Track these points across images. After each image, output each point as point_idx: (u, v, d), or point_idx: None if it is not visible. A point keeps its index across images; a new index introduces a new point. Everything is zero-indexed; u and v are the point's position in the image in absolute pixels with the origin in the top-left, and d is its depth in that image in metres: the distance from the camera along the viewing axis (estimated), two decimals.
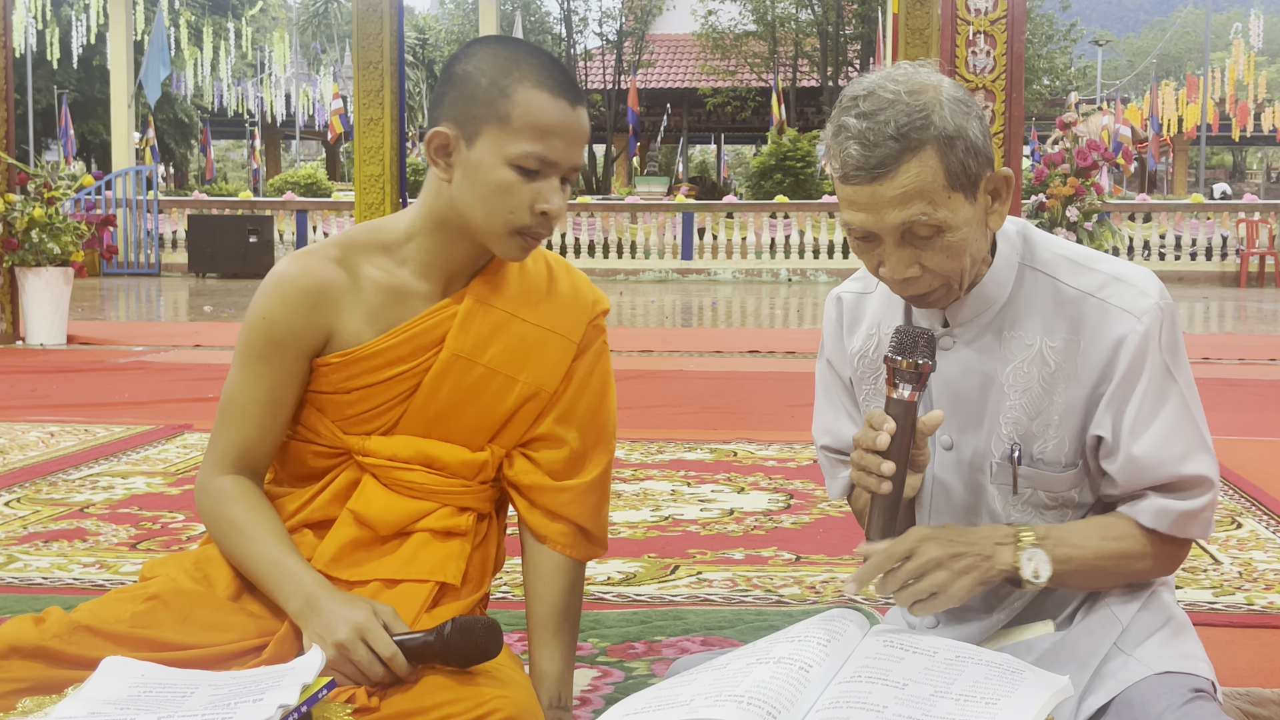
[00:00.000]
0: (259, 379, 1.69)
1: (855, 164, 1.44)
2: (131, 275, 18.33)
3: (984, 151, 1.47)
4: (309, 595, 1.57)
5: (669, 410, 5.75)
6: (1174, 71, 42.76)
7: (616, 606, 2.66)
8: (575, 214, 19.26)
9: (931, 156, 1.43)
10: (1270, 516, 3.48)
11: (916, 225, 1.45)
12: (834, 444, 1.77)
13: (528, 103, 1.59)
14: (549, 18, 35.28)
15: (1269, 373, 7.35)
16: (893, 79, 1.46)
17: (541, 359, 1.76)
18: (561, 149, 1.61)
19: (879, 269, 1.52)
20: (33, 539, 3.23)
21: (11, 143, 8.69)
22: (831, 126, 1.48)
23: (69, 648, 1.52)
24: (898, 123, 1.42)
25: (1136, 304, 1.52)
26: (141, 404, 5.81)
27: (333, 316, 1.69)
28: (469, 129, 1.61)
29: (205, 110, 33.85)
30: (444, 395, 1.72)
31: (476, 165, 1.61)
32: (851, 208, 1.48)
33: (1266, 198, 28.13)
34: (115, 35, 19.23)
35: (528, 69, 1.60)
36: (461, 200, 1.64)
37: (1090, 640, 1.56)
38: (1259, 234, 17.84)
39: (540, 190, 1.61)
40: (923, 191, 1.43)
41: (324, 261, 1.70)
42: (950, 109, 1.45)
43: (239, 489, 1.70)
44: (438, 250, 1.70)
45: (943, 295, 1.53)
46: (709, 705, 1.30)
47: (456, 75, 1.63)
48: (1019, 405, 1.57)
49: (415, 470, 1.73)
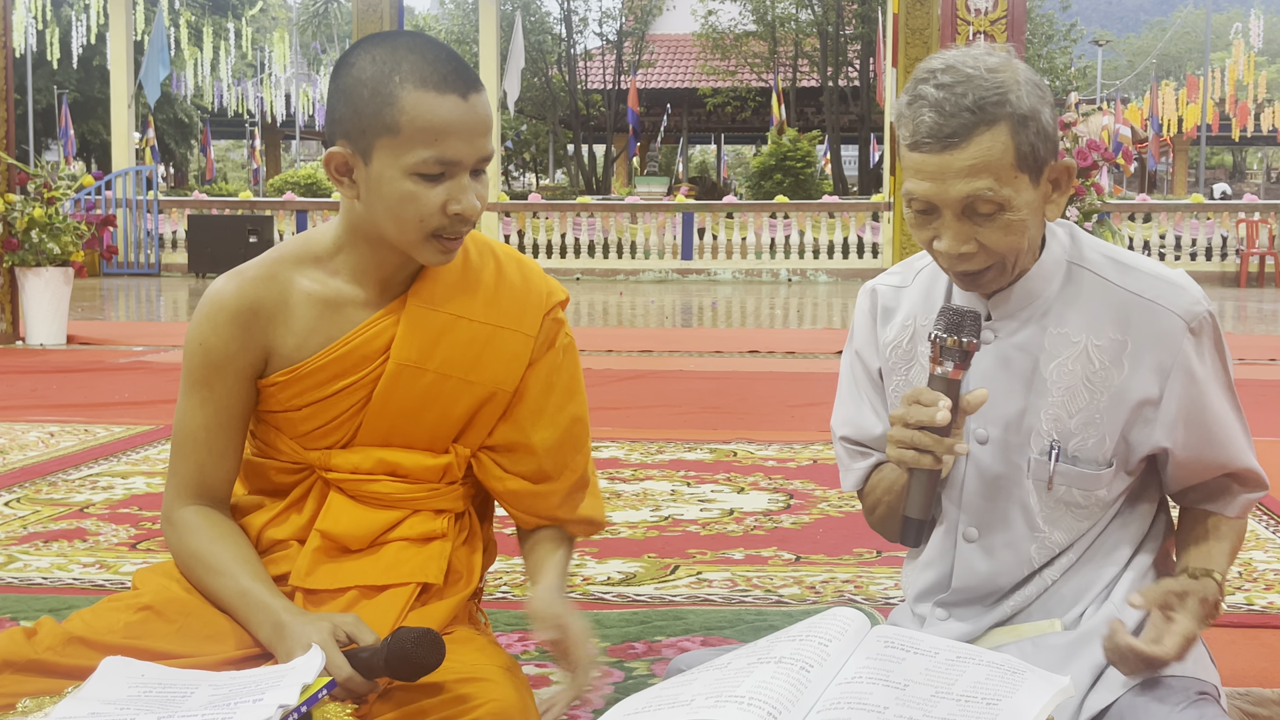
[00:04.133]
0: (203, 405, 1.67)
1: (928, 131, 1.46)
2: (131, 275, 18.33)
3: (1053, 138, 1.50)
4: (275, 622, 1.55)
5: (669, 410, 5.75)
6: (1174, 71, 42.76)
7: (616, 606, 2.65)
8: (575, 214, 19.26)
9: (1004, 133, 1.46)
10: (1270, 516, 3.48)
11: (979, 200, 1.46)
12: (855, 435, 1.75)
13: (414, 107, 1.51)
14: (549, 18, 35.27)
15: (1269, 373, 7.35)
16: (972, 55, 1.49)
17: (495, 358, 1.72)
18: (460, 147, 1.53)
19: (934, 243, 1.52)
20: (33, 539, 3.23)
21: (11, 143, 8.69)
22: (907, 96, 1.50)
23: (63, 659, 1.50)
24: (975, 95, 1.45)
25: (1190, 310, 1.55)
26: (141, 404, 5.81)
27: (268, 335, 1.66)
28: (361, 145, 1.55)
29: (205, 110, 33.86)
30: (396, 404, 1.68)
31: (377, 180, 1.55)
32: (917, 176, 1.49)
33: (1266, 198, 28.13)
34: (115, 35, 19.22)
35: (408, 69, 1.53)
36: (372, 214, 1.59)
37: (1097, 641, 1.56)
38: (1259, 234, 17.84)
39: (449, 191, 1.55)
40: (990, 166, 1.45)
41: (253, 281, 1.66)
42: (1027, 90, 1.48)
43: (201, 520, 1.67)
44: (367, 259, 1.66)
45: (994, 277, 1.54)
46: (709, 705, 1.30)
47: (340, 89, 1.56)
48: (1060, 403, 1.58)
49: (380, 480, 1.70)
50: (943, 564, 1.67)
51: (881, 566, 2.97)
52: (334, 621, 1.53)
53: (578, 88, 33.15)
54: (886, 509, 1.71)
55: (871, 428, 1.73)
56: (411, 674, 1.48)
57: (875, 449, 1.73)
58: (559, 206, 19.64)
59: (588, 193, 28.87)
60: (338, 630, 1.51)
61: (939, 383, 1.50)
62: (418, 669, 1.47)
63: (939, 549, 1.67)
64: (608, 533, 3.31)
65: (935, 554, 1.68)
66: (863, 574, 2.92)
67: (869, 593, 2.77)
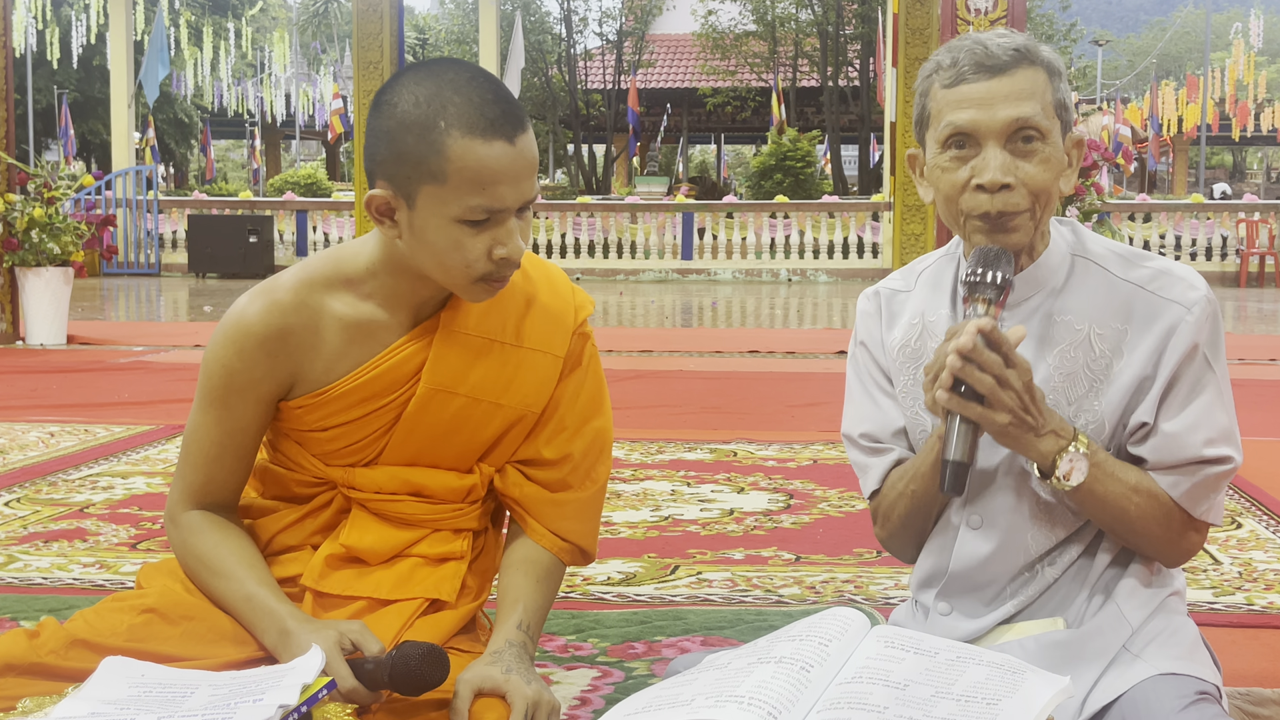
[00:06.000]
0: (218, 423, 1.65)
1: (976, 63, 1.53)
2: (131, 275, 18.33)
3: (1071, 109, 1.57)
4: (281, 628, 1.54)
5: (669, 410, 5.75)
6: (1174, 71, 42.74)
7: (616, 606, 2.65)
8: (575, 214, 19.26)
9: (1043, 75, 1.54)
10: (1270, 516, 3.48)
11: (1026, 126, 1.52)
12: (873, 430, 1.73)
13: (462, 156, 1.47)
14: (549, 18, 35.26)
15: (1269, 373, 7.35)
16: (999, 32, 1.58)
17: (526, 381, 1.69)
18: (508, 194, 1.50)
19: (971, 183, 1.53)
20: (33, 539, 3.23)
21: (11, 143, 8.69)
22: (944, 54, 1.57)
23: (66, 662, 1.50)
24: (1016, 42, 1.54)
25: (1186, 296, 1.57)
26: (141, 404, 5.81)
27: (296, 361, 1.64)
28: (405, 190, 1.51)
29: (205, 110, 33.85)
30: (425, 427, 1.66)
31: (422, 227, 1.52)
32: (960, 106, 1.53)
33: (1266, 198, 28.13)
34: (115, 35, 19.22)
35: (454, 113, 1.47)
36: (415, 256, 1.56)
37: (1100, 640, 1.57)
38: (1259, 234, 17.84)
39: (496, 236, 1.52)
40: (1036, 94, 1.53)
41: (283, 308, 1.62)
42: (1051, 57, 1.57)
43: (206, 522, 1.66)
44: (403, 287, 1.63)
45: (1024, 223, 1.55)
46: (709, 705, 1.30)
47: (383, 131, 1.51)
48: (1060, 388, 1.59)
49: (404, 500, 1.69)
50: (942, 551, 1.67)
51: (881, 566, 2.97)
52: (340, 629, 1.52)
53: (578, 88, 33.14)
54: (910, 501, 1.67)
55: (890, 421, 1.72)
56: (415, 690, 1.48)
57: (894, 445, 1.72)
58: (559, 206, 19.64)
59: (588, 193, 28.86)
60: (343, 638, 1.50)
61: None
62: (421, 685, 1.47)
63: (938, 536, 1.68)
64: (608, 533, 3.31)
65: (936, 543, 1.69)
66: (863, 574, 2.92)
67: (869, 593, 2.77)
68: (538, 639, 1.68)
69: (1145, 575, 1.63)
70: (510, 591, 1.69)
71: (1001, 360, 1.47)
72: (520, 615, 1.65)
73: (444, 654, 1.47)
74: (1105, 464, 1.56)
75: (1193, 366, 1.56)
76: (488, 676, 1.52)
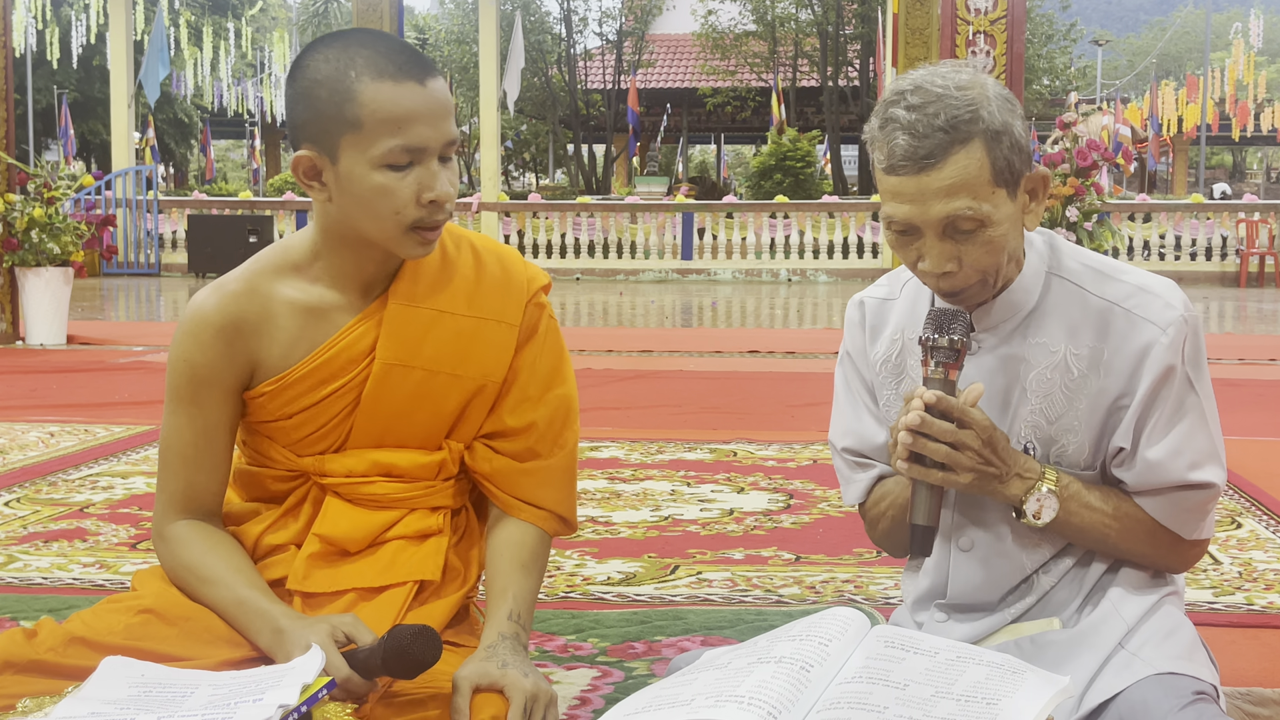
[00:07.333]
0: (191, 421, 1.67)
1: (903, 154, 1.45)
2: (131, 275, 18.33)
3: (1026, 150, 1.49)
4: (274, 628, 1.55)
5: (669, 410, 5.75)
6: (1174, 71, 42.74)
7: (616, 606, 2.65)
8: (575, 214, 19.26)
9: (978, 150, 1.46)
10: (1270, 516, 3.48)
11: (960, 219, 1.46)
12: (856, 445, 1.75)
13: (375, 98, 1.51)
14: (549, 18, 35.26)
15: (1269, 373, 7.35)
16: (939, 74, 1.49)
17: (482, 350, 1.71)
18: (425, 132, 1.53)
19: (917, 264, 1.52)
20: (33, 539, 3.23)
21: (11, 143, 8.69)
22: (877, 119, 1.50)
23: (64, 660, 1.50)
24: (947, 115, 1.44)
25: (1162, 315, 1.54)
26: (141, 404, 5.80)
27: (252, 348, 1.66)
28: (326, 145, 1.55)
29: (205, 110, 33.85)
30: (386, 404, 1.68)
31: (347, 178, 1.55)
32: (896, 199, 1.49)
33: (1266, 198, 28.12)
34: (115, 35, 19.21)
35: (362, 62, 1.52)
36: (347, 214, 1.58)
37: (1096, 638, 1.58)
38: (1259, 234, 17.84)
39: (420, 179, 1.54)
40: (968, 184, 1.45)
41: (234, 295, 1.66)
42: (997, 105, 1.48)
43: (193, 533, 1.68)
44: (347, 262, 1.66)
45: (978, 291, 1.54)
46: (709, 705, 1.30)
47: (298, 93, 1.56)
48: (1039, 409, 1.59)
49: (375, 482, 1.70)
50: (938, 573, 1.68)
51: (881, 566, 2.97)
52: (332, 623, 1.53)
53: (578, 87, 33.14)
54: (890, 522, 1.71)
55: (873, 436, 1.73)
56: (409, 671, 1.48)
57: (877, 460, 1.73)
58: (559, 206, 19.64)
59: (588, 193, 28.87)
60: (336, 631, 1.52)
61: (934, 384, 1.50)
62: (415, 666, 1.47)
63: (934, 558, 1.68)
64: (608, 533, 3.31)
65: (930, 563, 1.69)
66: (863, 574, 2.92)
67: (869, 593, 2.77)
68: (530, 626, 1.70)
69: (1142, 576, 1.64)
70: (497, 580, 1.70)
71: (953, 427, 1.48)
72: (510, 605, 1.66)
73: (436, 634, 1.48)
74: (1078, 496, 1.56)
75: (1172, 390, 1.54)
76: (485, 672, 1.53)
